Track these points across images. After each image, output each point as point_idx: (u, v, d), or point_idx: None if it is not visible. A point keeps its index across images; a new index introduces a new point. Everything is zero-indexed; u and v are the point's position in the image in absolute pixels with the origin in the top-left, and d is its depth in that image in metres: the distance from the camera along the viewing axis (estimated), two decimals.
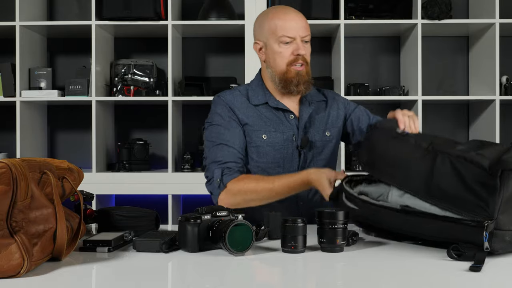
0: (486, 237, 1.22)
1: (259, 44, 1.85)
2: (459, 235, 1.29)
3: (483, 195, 1.26)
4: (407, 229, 1.42)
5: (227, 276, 1.18)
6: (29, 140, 3.07)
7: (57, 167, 1.31)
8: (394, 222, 1.42)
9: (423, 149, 1.39)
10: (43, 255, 1.17)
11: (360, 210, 1.46)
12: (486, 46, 3.11)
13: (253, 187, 1.71)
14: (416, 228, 1.39)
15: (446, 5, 2.97)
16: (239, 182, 1.72)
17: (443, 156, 1.34)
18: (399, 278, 1.15)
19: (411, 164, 1.40)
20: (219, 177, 1.73)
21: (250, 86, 1.90)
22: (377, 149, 1.53)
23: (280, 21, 1.78)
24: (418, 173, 1.37)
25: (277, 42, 1.78)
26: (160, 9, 2.96)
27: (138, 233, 1.46)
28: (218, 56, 3.38)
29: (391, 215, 1.41)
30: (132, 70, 3.11)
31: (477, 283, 1.11)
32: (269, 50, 1.81)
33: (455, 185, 1.30)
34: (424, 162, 1.36)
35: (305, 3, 2.95)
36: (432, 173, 1.34)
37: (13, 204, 1.11)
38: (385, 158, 1.49)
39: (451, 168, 1.31)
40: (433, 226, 1.34)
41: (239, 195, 1.71)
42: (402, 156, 1.44)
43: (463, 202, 1.28)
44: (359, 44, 3.38)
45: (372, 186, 1.51)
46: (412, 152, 1.41)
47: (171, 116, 2.98)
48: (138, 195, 3.02)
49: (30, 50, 3.11)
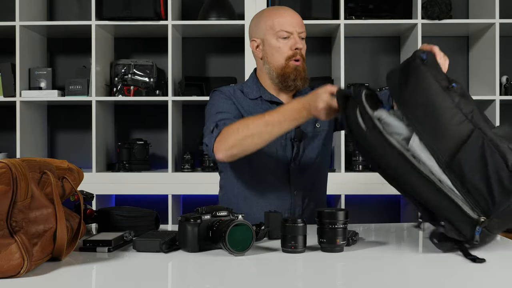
0: (478, 231, 1.26)
1: (256, 41, 1.86)
2: (451, 215, 1.28)
3: (496, 192, 1.24)
4: (404, 182, 1.34)
5: (227, 276, 1.18)
6: (29, 140, 3.07)
7: (57, 167, 1.31)
8: (396, 167, 1.33)
9: (462, 114, 1.29)
10: (43, 255, 1.17)
11: (367, 134, 1.35)
12: (486, 46, 3.11)
13: (244, 123, 1.63)
14: (414, 186, 1.31)
15: (446, 5, 2.97)
16: (232, 125, 1.65)
17: (478, 133, 1.27)
18: (399, 278, 1.15)
19: (447, 125, 1.28)
20: (214, 126, 1.69)
21: (245, 83, 1.93)
22: (419, 85, 1.33)
23: (277, 17, 1.81)
24: (449, 137, 1.28)
25: (275, 37, 1.80)
26: (160, 9, 2.96)
27: (138, 233, 1.46)
28: (218, 56, 3.38)
29: (396, 160, 1.32)
30: (132, 70, 3.11)
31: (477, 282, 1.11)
32: (266, 46, 1.83)
33: (476, 168, 1.26)
34: (459, 129, 1.27)
35: (305, 3, 2.95)
36: (461, 146, 1.26)
37: (13, 204, 1.11)
38: (422, 99, 1.32)
39: (481, 150, 1.25)
40: (431, 195, 1.29)
41: (232, 136, 1.62)
42: (440, 108, 1.29)
43: (474, 188, 1.26)
44: (359, 44, 3.37)
45: (395, 119, 1.37)
46: (451, 111, 1.29)
47: (171, 116, 2.99)
48: (138, 195, 3.02)
49: (30, 50, 3.11)
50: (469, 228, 1.28)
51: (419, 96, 1.32)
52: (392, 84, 1.40)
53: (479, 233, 1.26)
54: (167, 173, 2.99)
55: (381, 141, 1.33)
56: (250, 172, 1.84)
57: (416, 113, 1.31)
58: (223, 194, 1.94)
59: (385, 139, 1.33)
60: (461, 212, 1.27)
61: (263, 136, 1.60)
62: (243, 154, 1.64)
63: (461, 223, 1.28)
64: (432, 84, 1.32)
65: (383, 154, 1.34)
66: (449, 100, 1.30)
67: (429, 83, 1.32)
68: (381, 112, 1.38)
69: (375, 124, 1.35)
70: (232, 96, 1.85)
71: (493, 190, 1.25)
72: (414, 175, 1.30)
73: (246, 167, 1.83)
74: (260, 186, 1.84)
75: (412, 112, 1.32)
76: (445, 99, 1.30)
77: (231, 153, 1.62)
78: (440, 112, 1.29)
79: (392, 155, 1.32)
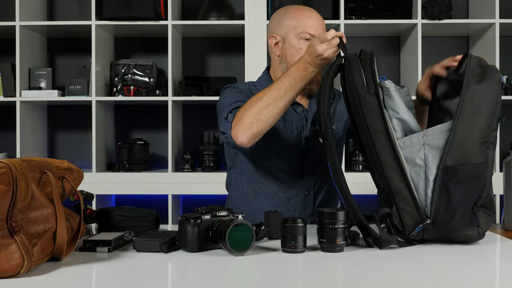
0: (419, 228, 1.38)
1: (276, 38, 1.83)
2: (403, 203, 1.38)
3: (457, 214, 1.37)
4: (376, 157, 1.40)
5: (227, 276, 1.18)
6: (29, 140, 3.07)
7: (57, 167, 1.31)
8: (376, 139, 1.39)
9: (491, 138, 1.38)
10: (43, 255, 1.17)
11: (365, 97, 1.39)
12: (486, 46, 3.11)
13: (255, 98, 1.60)
14: (383, 163, 1.39)
15: (446, 5, 2.97)
16: (244, 105, 1.62)
17: (487, 165, 1.37)
18: (399, 278, 1.15)
19: (476, 140, 1.36)
20: (227, 112, 1.67)
21: (258, 82, 1.91)
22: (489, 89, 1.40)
23: (302, 18, 1.79)
24: (469, 150, 1.35)
25: (297, 37, 1.78)
26: (160, 9, 2.96)
27: (138, 233, 1.46)
28: (218, 56, 3.38)
29: (380, 134, 1.38)
30: (132, 70, 3.11)
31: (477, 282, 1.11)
32: (287, 45, 1.81)
33: (463, 187, 1.36)
34: (481, 150, 1.36)
35: (305, 3, 2.95)
36: (469, 164, 1.35)
37: (13, 204, 1.11)
38: (485, 101, 1.39)
39: (476, 178, 1.36)
40: (396, 180, 1.38)
41: (246, 113, 1.57)
42: (488, 120, 1.38)
43: (447, 196, 1.36)
44: (359, 44, 3.37)
45: (398, 96, 1.41)
46: (490, 131, 1.38)
47: (171, 116, 2.98)
48: (138, 195, 3.02)
49: (30, 50, 3.11)
50: (411, 222, 1.38)
51: (484, 98, 1.37)
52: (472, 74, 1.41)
53: (418, 230, 1.38)
54: (167, 173, 2.99)
55: (375, 109, 1.39)
56: (263, 170, 1.83)
57: (467, 110, 1.36)
58: (233, 190, 1.91)
59: (380, 109, 1.38)
60: (415, 206, 1.37)
61: (278, 103, 1.57)
62: (264, 129, 1.58)
63: (408, 214, 1.38)
64: (497, 97, 1.39)
65: (371, 123, 1.39)
66: (496, 122, 1.38)
67: (496, 94, 1.39)
68: (390, 84, 1.42)
69: (377, 91, 1.39)
70: (248, 90, 1.83)
71: (455, 211, 1.36)
72: (387, 153, 1.38)
73: (259, 164, 1.82)
74: (273, 184, 1.83)
75: (466, 107, 1.36)
76: (495, 119, 1.39)
77: (251, 132, 1.56)
78: (486, 123, 1.37)
79: (377, 127, 1.38)
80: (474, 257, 1.33)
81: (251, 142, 1.60)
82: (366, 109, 1.40)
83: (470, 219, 1.37)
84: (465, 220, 1.37)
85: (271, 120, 1.58)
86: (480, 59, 1.42)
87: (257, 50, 2.97)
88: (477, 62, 1.41)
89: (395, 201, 1.39)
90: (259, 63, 2.95)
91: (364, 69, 1.42)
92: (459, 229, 1.37)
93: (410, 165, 1.38)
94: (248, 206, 1.83)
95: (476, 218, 1.37)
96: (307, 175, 1.83)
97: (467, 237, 1.39)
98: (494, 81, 1.39)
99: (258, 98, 1.58)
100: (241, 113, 1.59)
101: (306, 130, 1.82)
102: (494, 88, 1.39)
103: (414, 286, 1.09)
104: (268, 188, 1.83)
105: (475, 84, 1.37)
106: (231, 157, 1.90)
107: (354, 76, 1.42)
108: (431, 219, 1.37)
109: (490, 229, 1.71)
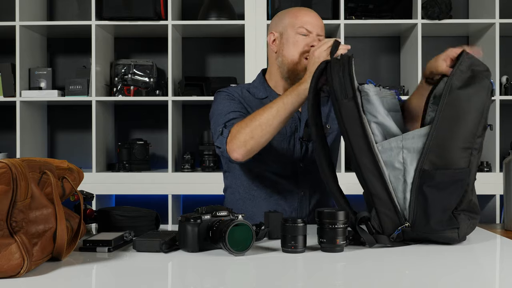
0: (398, 231, 1.38)
1: (274, 35, 1.86)
2: (382, 207, 1.38)
3: (434, 218, 1.36)
4: (357, 161, 1.39)
5: (227, 276, 1.18)
6: (29, 140, 3.07)
7: (57, 167, 1.31)
8: (356, 143, 1.39)
9: (475, 144, 1.37)
10: (43, 255, 1.17)
11: (343, 102, 1.39)
12: (486, 46, 3.11)
13: (250, 116, 1.65)
14: (363, 168, 1.38)
15: (446, 5, 2.97)
16: (239, 122, 1.67)
17: (469, 171, 1.36)
18: (399, 278, 1.15)
19: (458, 146, 1.35)
20: (222, 127, 1.70)
21: (252, 84, 1.92)
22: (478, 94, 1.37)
23: (302, 15, 1.83)
24: (451, 156, 1.34)
25: (295, 31, 1.81)
26: (160, 9, 2.96)
27: (138, 233, 1.46)
28: (218, 56, 3.38)
29: (359, 137, 1.38)
30: (132, 70, 3.11)
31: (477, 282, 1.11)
32: (284, 39, 1.83)
33: (441, 191, 1.35)
34: (464, 155, 1.35)
35: (305, 3, 2.95)
36: (450, 169, 1.34)
37: (13, 204, 1.11)
38: (470, 107, 1.36)
39: (457, 183, 1.35)
40: (375, 183, 1.38)
41: (241, 131, 1.63)
42: (472, 125, 1.36)
43: (423, 200, 1.36)
44: (359, 44, 3.37)
45: (378, 99, 1.41)
46: (474, 137, 1.36)
47: (171, 116, 2.98)
48: (138, 195, 3.02)
49: (30, 50, 3.11)
50: (391, 225, 1.39)
51: (468, 104, 1.35)
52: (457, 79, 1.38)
53: (397, 233, 1.38)
54: (167, 173, 2.99)
55: (353, 114, 1.39)
56: (258, 172, 1.83)
57: (448, 115, 1.34)
58: (229, 194, 1.92)
59: (358, 113, 1.38)
60: (394, 209, 1.38)
61: (270, 122, 1.61)
62: (258, 147, 1.63)
63: (387, 217, 1.38)
64: (483, 104, 1.37)
65: (349, 128, 1.39)
66: (481, 130, 1.37)
67: (483, 101, 1.37)
68: (369, 87, 1.42)
69: (355, 96, 1.39)
70: (240, 96, 1.84)
71: (433, 213, 1.36)
72: (366, 157, 1.38)
73: (254, 167, 1.82)
74: (268, 186, 1.83)
75: (446, 112, 1.34)
76: (480, 126, 1.37)
77: (246, 149, 1.62)
78: (470, 129, 1.35)
79: (356, 131, 1.38)
80: (474, 257, 1.33)
81: (245, 158, 1.66)
82: (344, 114, 1.40)
83: (449, 221, 1.36)
84: (444, 223, 1.36)
85: (265, 138, 1.63)
86: (474, 62, 1.39)
87: (257, 50, 2.97)
88: (468, 66, 1.38)
89: (375, 205, 1.40)
90: (259, 63, 2.95)
91: (343, 74, 1.41)
92: (438, 231, 1.37)
93: (389, 168, 1.38)
94: (245, 210, 1.83)
95: (456, 221, 1.36)
96: (302, 176, 1.84)
97: (447, 239, 1.39)
98: (482, 87, 1.36)
99: (253, 117, 1.64)
100: (236, 131, 1.64)
101: (300, 131, 1.83)
102: (481, 94, 1.36)
103: (414, 286, 1.09)
104: (264, 190, 1.83)
105: (458, 89, 1.35)
106: (225, 161, 1.90)
107: (333, 81, 1.42)
108: (409, 222, 1.37)
109: (490, 229, 1.71)
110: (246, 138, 1.62)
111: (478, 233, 1.58)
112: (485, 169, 2.98)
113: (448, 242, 1.39)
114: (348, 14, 3.03)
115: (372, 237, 1.38)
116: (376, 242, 1.38)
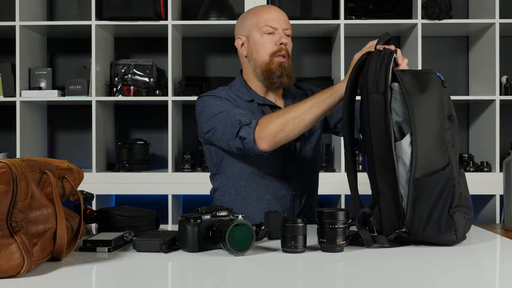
0: (395, 234, 1.37)
1: (241, 39, 1.86)
2: (386, 207, 1.37)
3: (430, 223, 1.35)
4: (373, 155, 1.38)
5: (227, 276, 1.18)
6: (29, 140, 3.07)
7: (57, 167, 1.31)
8: (377, 138, 1.37)
9: (449, 141, 1.37)
10: (43, 255, 1.17)
11: (373, 95, 1.38)
12: (486, 46, 3.11)
13: (284, 110, 1.64)
14: (379, 163, 1.37)
15: (446, 5, 2.97)
16: (270, 114, 1.66)
17: (451, 169, 1.35)
18: (399, 278, 1.15)
19: (436, 148, 1.35)
20: (247, 116, 1.67)
21: (233, 86, 1.90)
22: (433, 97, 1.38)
23: (262, 13, 1.82)
24: (431, 160, 1.34)
25: (260, 32, 1.80)
26: (160, 9, 2.96)
27: (138, 233, 1.46)
28: (218, 56, 3.38)
29: (381, 133, 1.36)
30: (132, 70, 3.11)
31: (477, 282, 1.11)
32: (251, 43, 1.82)
33: (432, 196, 1.34)
34: (443, 155, 1.35)
35: (305, 3, 2.95)
36: (435, 173, 1.34)
37: (13, 204, 1.11)
38: (431, 111, 1.37)
39: (444, 184, 1.35)
40: (385, 183, 1.37)
41: (273, 122, 1.62)
42: (441, 128, 1.37)
43: (420, 208, 1.35)
44: (359, 44, 3.35)
45: (401, 98, 1.38)
46: (445, 136, 1.37)
47: (171, 116, 2.98)
48: (138, 195, 3.02)
49: (30, 50, 3.11)
50: (390, 226, 1.38)
51: (430, 103, 1.36)
52: (408, 81, 1.39)
53: (395, 235, 1.37)
54: (167, 173, 2.99)
55: (380, 109, 1.37)
56: (248, 174, 1.83)
57: (419, 120, 1.35)
58: (219, 196, 1.91)
59: (385, 110, 1.36)
60: (396, 210, 1.36)
61: (303, 117, 1.59)
62: (286, 140, 1.63)
63: (387, 218, 1.38)
64: (440, 96, 1.37)
65: (374, 122, 1.38)
66: (448, 123, 1.37)
67: (441, 103, 1.37)
68: (397, 88, 1.40)
69: (386, 91, 1.37)
70: (229, 98, 1.83)
71: (430, 220, 1.35)
72: (385, 155, 1.36)
73: (244, 168, 1.82)
74: (259, 188, 1.83)
75: (417, 118, 1.35)
76: (446, 119, 1.37)
77: (274, 140, 1.62)
78: (439, 126, 1.36)
79: (380, 127, 1.36)
80: (474, 257, 1.33)
81: (271, 149, 1.65)
82: (371, 107, 1.38)
83: (446, 224, 1.35)
84: (441, 227, 1.35)
85: (296, 131, 1.62)
86: (412, 71, 1.41)
87: None
88: (410, 77, 1.38)
89: (379, 203, 1.39)
90: None
91: (380, 66, 1.40)
92: (435, 237, 1.36)
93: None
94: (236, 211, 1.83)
95: (453, 222, 1.35)
96: (292, 176, 1.84)
97: (446, 242, 1.38)
98: (433, 83, 1.38)
99: (287, 110, 1.62)
100: (266, 121, 1.63)
101: None
102: (436, 88, 1.37)
103: (414, 286, 1.09)
104: (256, 191, 1.83)
105: (418, 94, 1.36)
106: (214, 163, 1.89)
107: (369, 73, 1.41)
108: (406, 226, 1.36)
109: (490, 229, 1.71)
110: (277, 130, 1.61)
111: (478, 233, 1.58)
112: (485, 169, 2.98)
113: (447, 244, 1.39)
114: (348, 14, 3.03)
115: (370, 237, 1.37)
116: (374, 243, 1.37)
